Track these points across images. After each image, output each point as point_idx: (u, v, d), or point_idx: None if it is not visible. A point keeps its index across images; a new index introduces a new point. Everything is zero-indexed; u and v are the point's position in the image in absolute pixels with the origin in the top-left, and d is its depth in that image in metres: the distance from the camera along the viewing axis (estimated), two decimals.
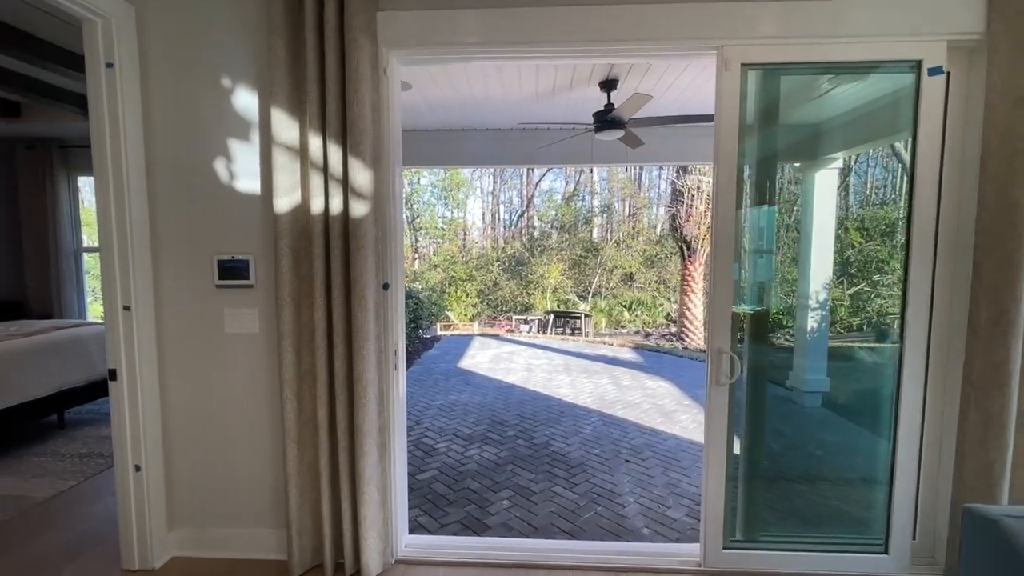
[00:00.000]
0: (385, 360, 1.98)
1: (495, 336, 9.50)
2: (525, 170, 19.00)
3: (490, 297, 14.54)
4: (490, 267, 14.57)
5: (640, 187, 17.40)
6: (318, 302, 1.88)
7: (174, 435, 2.10)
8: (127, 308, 1.95)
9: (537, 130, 4.39)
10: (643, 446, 3.74)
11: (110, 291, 1.94)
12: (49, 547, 2.20)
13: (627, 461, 3.45)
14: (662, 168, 18.41)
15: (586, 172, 17.83)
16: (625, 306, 13.40)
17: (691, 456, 3.54)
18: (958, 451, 1.87)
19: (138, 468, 2.01)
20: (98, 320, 4.57)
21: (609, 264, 14.22)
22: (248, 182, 1.99)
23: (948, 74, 1.82)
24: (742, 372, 2.03)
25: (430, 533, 2.54)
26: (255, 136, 1.97)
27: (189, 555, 2.12)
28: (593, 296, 13.94)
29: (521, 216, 18.98)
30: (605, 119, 3.22)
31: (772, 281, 2.42)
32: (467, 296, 13.91)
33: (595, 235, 16.44)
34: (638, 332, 12.26)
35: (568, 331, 10.65)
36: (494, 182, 19.94)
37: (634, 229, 15.62)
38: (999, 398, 1.76)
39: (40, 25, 2.88)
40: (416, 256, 15.64)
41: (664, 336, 10.79)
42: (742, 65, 1.85)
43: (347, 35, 1.78)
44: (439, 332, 10.54)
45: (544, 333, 10.49)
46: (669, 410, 4.65)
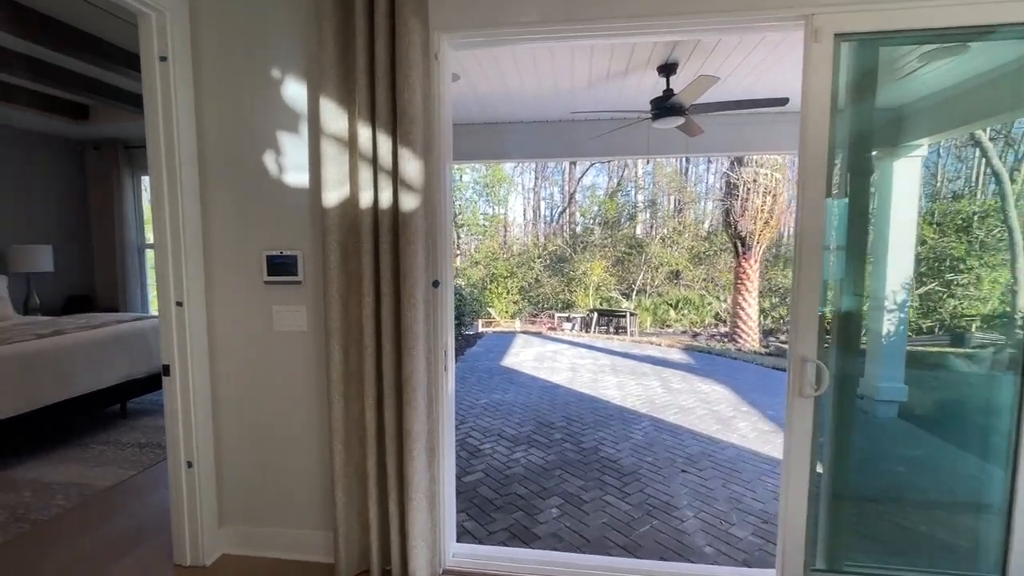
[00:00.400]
0: (434, 361, 1.88)
1: (538, 334, 9.36)
2: (567, 165, 18.75)
3: (531, 294, 14.42)
4: (531, 264, 14.43)
5: (687, 181, 16.82)
6: (366, 300, 1.80)
7: (225, 432, 2.09)
8: (179, 304, 1.94)
9: (587, 121, 4.22)
10: (699, 455, 3.51)
11: (163, 286, 1.93)
12: (107, 537, 2.24)
13: (683, 471, 3.25)
14: (710, 161, 17.73)
15: (630, 166, 17.40)
16: (671, 305, 12.96)
17: (753, 468, 3.30)
18: None
19: (190, 464, 2.00)
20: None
21: (654, 261, 13.79)
22: (297, 176, 1.94)
23: None
24: (829, 382, 1.81)
25: (477, 541, 2.44)
26: (304, 128, 1.91)
27: (238, 553, 2.11)
28: (637, 294, 13.57)
29: (563, 212, 18.75)
30: (664, 105, 3.01)
31: (859, 279, 2.17)
32: (508, 293, 13.84)
33: (639, 231, 16.01)
34: (685, 332, 11.83)
35: (612, 330, 10.37)
36: (535, 178, 19.79)
37: (681, 225, 15.10)
38: None
39: (106, 28, 2.97)
40: (458, 252, 15.72)
41: (714, 336, 10.35)
42: (835, 36, 1.63)
43: (398, 19, 1.69)
44: (481, 328, 10.52)
45: (587, 332, 10.26)
46: (726, 416, 4.38)
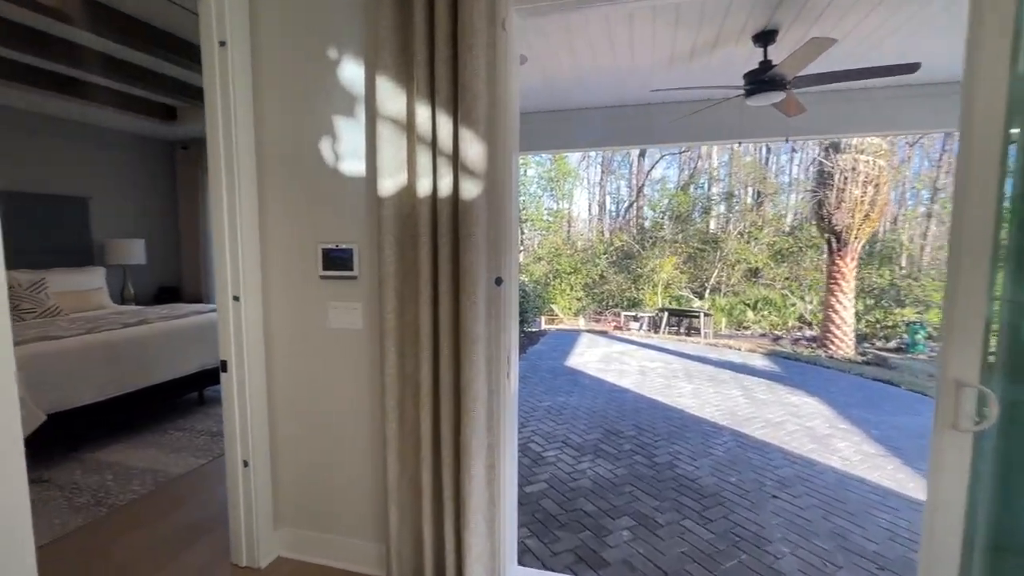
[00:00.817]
0: (496, 369, 1.68)
1: (603, 333, 8.98)
2: (635, 158, 18.03)
3: (596, 291, 13.98)
4: (596, 260, 13.99)
5: (768, 171, 15.61)
6: (423, 298, 1.63)
7: (280, 432, 2.01)
8: (236, 298, 1.88)
9: (664, 104, 3.86)
10: (793, 478, 3.09)
11: (221, 280, 1.88)
12: (172, 527, 2.25)
13: (774, 496, 2.85)
14: (795, 150, 16.32)
15: (704, 157, 16.42)
16: (749, 305, 12.05)
17: (860, 498, 2.84)
18: None
19: (246, 464, 1.94)
20: None
21: (731, 258, 12.89)
22: (353, 163, 1.81)
23: None
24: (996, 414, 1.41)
25: (540, 563, 2.23)
26: (360, 111, 1.78)
27: (293, 557, 2.03)
28: (711, 293, 12.75)
29: (630, 207, 18.07)
30: (761, 79, 2.62)
31: None
32: (572, 289, 13.50)
33: (712, 226, 15.05)
34: (764, 334, 10.95)
35: (683, 331, 9.77)
36: (601, 172, 19.21)
37: (761, 219, 14.01)
38: None
39: (188, 30, 3.04)
40: (521, 248, 15.56)
41: (798, 341, 9.47)
42: None
43: None
44: (544, 326, 10.30)
45: (656, 332, 9.73)
46: (821, 434, 3.87)
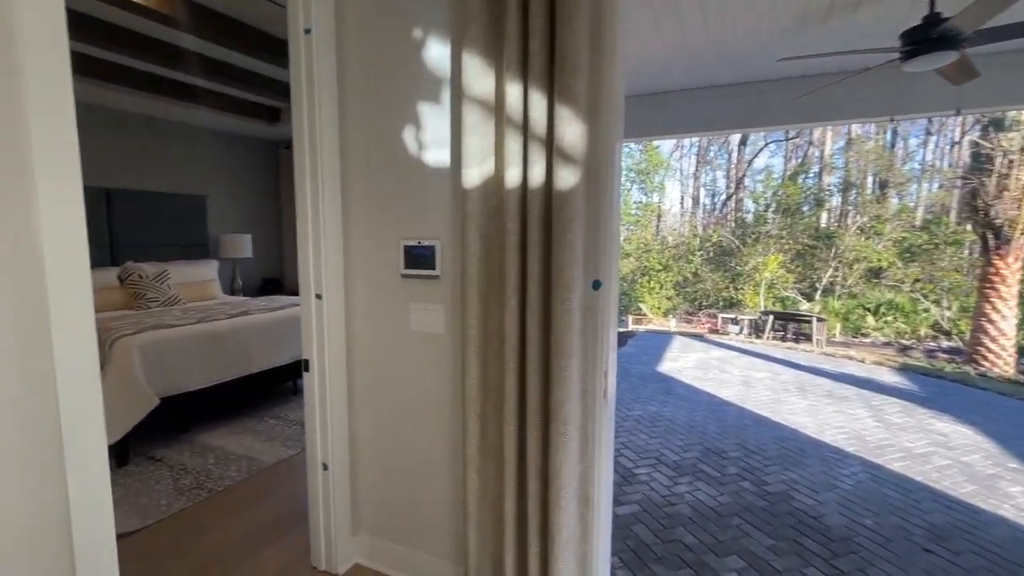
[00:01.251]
0: (591, 387, 1.45)
1: (698, 336, 8.33)
2: (735, 146, 16.71)
3: (688, 290, 13.14)
4: (690, 257, 13.11)
5: (895, 158, 13.69)
6: (510, 303, 1.44)
7: (359, 437, 1.93)
8: (319, 296, 1.81)
9: (785, 80, 3.35)
10: (950, 529, 2.53)
11: (305, 276, 1.82)
12: (260, 520, 2.28)
13: (926, 550, 2.34)
14: (930, 132, 14.19)
15: (816, 143, 14.80)
16: (869, 309, 10.64)
17: None
18: None
19: (325, 467, 1.88)
20: None
21: (848, 256, 11.46)
22: (437, 153, 1.65)
23: None
24: None
25: None
26: (445, 96, 1.61)
27: (370, 566, 1.95)
28: (823, 294, 11.44)
29: (728, 200, 16.79)
30: (928, 37, 2.08)
31: None
32: (661, 287, 12.77)
33: (825, 220, 13.51)
34: (888, 343, 9.59)
35: (792, 337, 8.80)
36: (696, 162, 18.05)
37: (885, 211, 12.32)
38: None
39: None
40: None
41: (933, 353, 8.15)
42: None
43: None
44: (631, 326, 9.81)
45: (759, 337, 8.86)
46: (984, 474, 3.18)
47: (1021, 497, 2.88)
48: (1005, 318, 6.36)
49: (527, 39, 1.35)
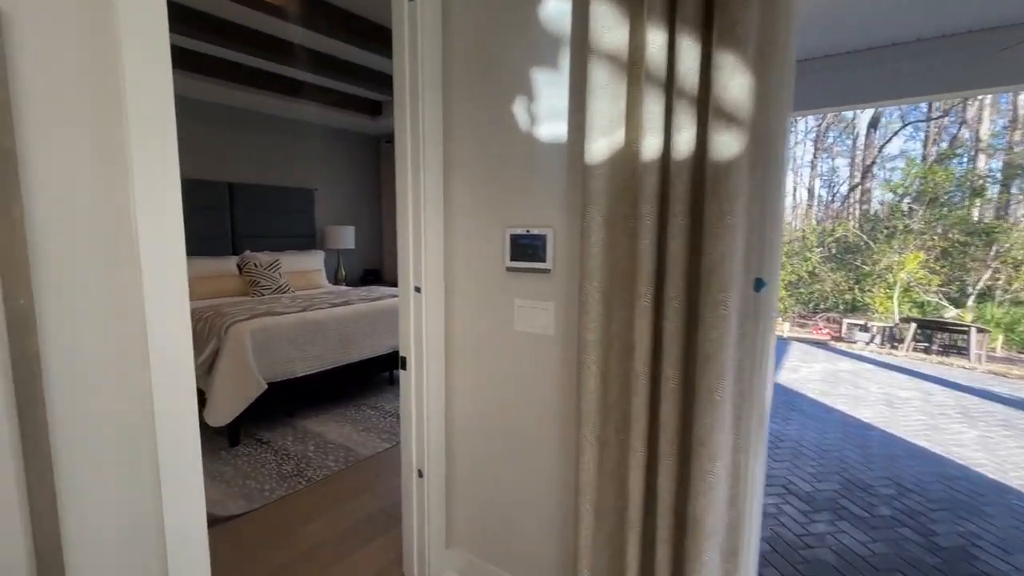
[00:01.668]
0: (747, 414, 1.14)
1: (820, 344, 7.38)
2: (863, 130, 14.73)
3: (801, 291, 11.81)
4: (806, 254, 11.77)
5: None
6: (641, 303, 1.17)
7: (456, 444, 1.77)
8: (418, 290, 1.66)
9: (986, 31, 2.69)
10: None
11: (404, 268, 1.68)
12: (354, 517, 2.22)
13: None
14: None
15: (970, 122, 12.56)
16: None
17: None
18: None
19: (421, 474, 1.75)
20: None
21: (1014, 255, 9.58)
22: (551, 125, 1.42)
23: None
24: None
25: None
26: (564, 57, 1.37)
27: None
28: (977, 300, 9.68)
29: (852, 190, 14.87)
30: None
31: None
32: None
33: (977, 214, 11.41)
34: None
35: (938, 349, 7.49)
36: (814, 149, 16.20)
37: None
38: None
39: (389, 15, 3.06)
40: None
41: None
42: None
43: None
44: None
45: (896, 348, 7.65)
46: None
47: None
48: None
49: None
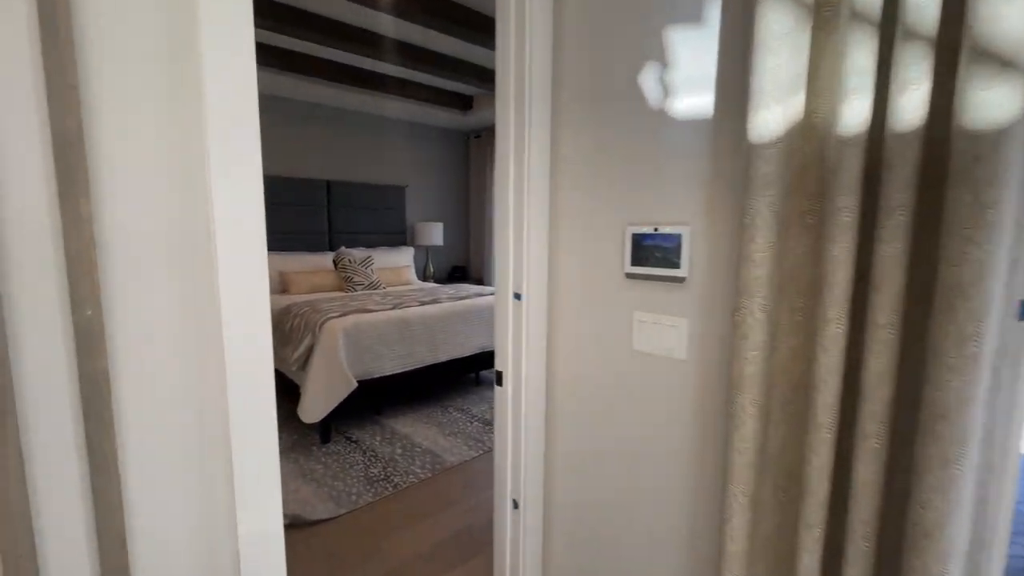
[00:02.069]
0: (994, 496, 0.79)
1: None
2: None
3: None
4: None
5: None
6: (830, 330, 0.85)
7: (557, 477, 1.54)
8: (517, 296, 1.45)
9: None
10: None
11: (502, 271, 1.48)
12: (441, 532, 2.08)
13: None
14: None
15: None
16: None
17: None
18: None
19: (516, 504, 1.54)
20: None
21: None
22: (692, 96, 1.13)
23: None
24: None
25: None
26: (713, 7, 1.08)
27: None
28: None
29: None
30: None
31: None
32: None
33: None
34: None
35: None
36: None
37: None
38: None
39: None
40: None
41: None
42: None
43: None
44: None
45: None
46: None
47: None
48: None
49: None
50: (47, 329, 0.71)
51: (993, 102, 0.69)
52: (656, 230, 1.21)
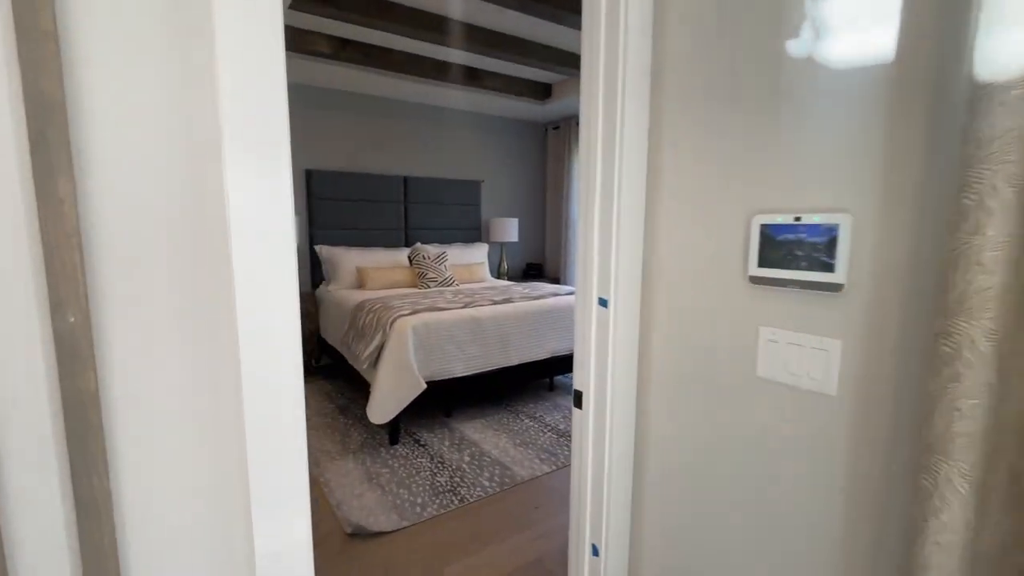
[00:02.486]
0: None
1: None
2: None
3: None
4: None
5: None
6: None
7: (647, 525, 1.27)
8: (603, 302, 1.20)
9: None
10: None
11: (584, 273, 1.23)
12: (509, 562, 1.87)
13: None
14: None
15: None
16: None
17: None
18: None
19: (595, 551, 1.29)
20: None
21: None
22: (851, 39, 0.81)
23: None
24: None
25: None
26: None
27: None
28: None
29: None
30: None
31: None
32: None
33: None
34: None
35: None
36: None
37: None
38: None
39: None
40: None
41: None
42: None
43: None
44: None
45: None
46: None
47: None
48: None
49: None
50: (19, 339, 0.58)
51: None
52: (798, 220, 0.90)
